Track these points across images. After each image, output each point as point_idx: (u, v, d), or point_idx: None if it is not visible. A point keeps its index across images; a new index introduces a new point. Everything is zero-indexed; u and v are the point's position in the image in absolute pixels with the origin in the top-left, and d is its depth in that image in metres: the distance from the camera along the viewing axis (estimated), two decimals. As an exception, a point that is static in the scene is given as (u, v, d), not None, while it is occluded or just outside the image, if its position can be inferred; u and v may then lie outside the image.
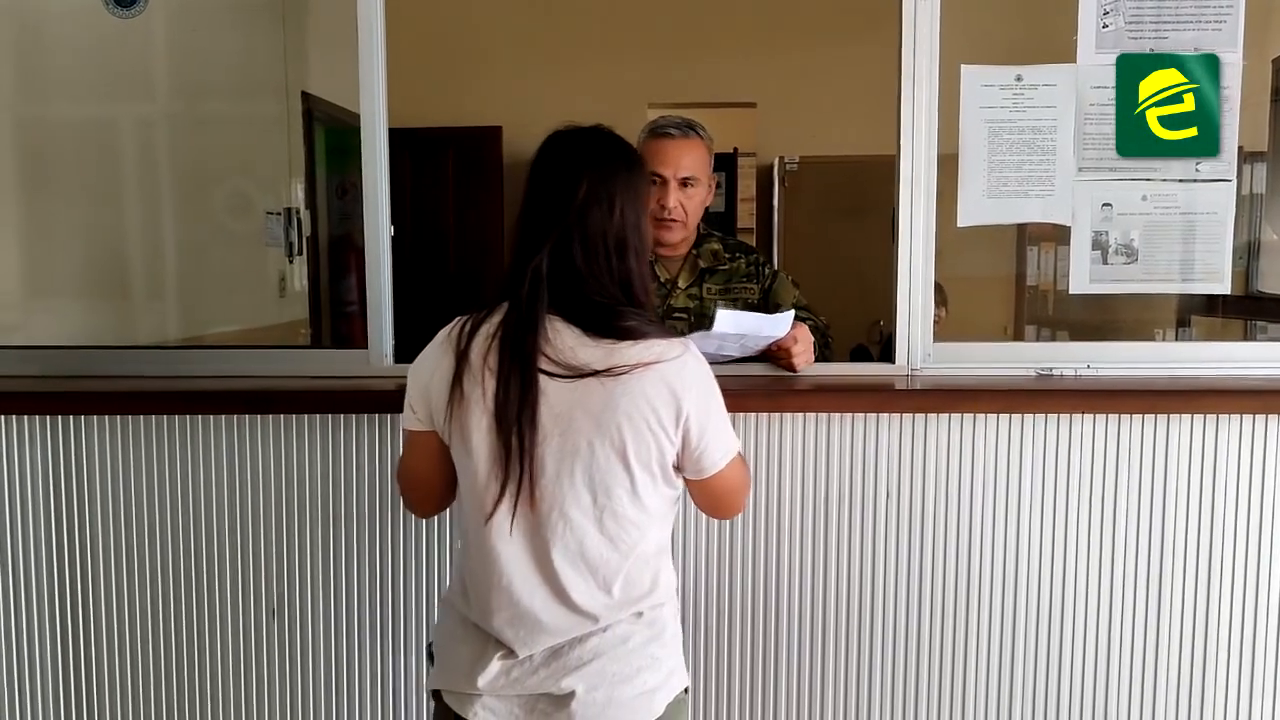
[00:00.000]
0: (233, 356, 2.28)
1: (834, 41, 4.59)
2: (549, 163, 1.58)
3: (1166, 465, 2.06)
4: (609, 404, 1.47)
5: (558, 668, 1.52)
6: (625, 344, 1.48)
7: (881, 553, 2.07)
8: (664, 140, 2.31)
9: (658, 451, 1.51)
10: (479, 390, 1.49)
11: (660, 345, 1.50)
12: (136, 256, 3.41)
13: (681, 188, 2.31)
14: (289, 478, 2.08)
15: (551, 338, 1.48)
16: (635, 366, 1.47)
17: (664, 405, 1.49)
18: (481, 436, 1.49)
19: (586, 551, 1.51)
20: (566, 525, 1.50)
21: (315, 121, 3.96)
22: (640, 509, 1.53)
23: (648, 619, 1.56)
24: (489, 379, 1.48)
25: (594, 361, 1.47)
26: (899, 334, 2.17)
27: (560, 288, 1.51)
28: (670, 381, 1.49)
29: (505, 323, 1.50)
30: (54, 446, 2.08)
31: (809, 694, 2.10)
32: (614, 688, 1.52)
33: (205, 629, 2.11)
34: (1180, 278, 2.23)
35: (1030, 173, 2.16)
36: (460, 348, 1.51)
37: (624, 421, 1.47)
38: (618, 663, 1.53)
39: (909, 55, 2.12)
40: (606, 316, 1.50)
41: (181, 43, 3.34)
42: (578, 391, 1.47)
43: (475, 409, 1.49)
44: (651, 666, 1.55)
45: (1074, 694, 2.10)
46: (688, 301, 2.40)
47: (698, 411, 1.52)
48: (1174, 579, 2.08)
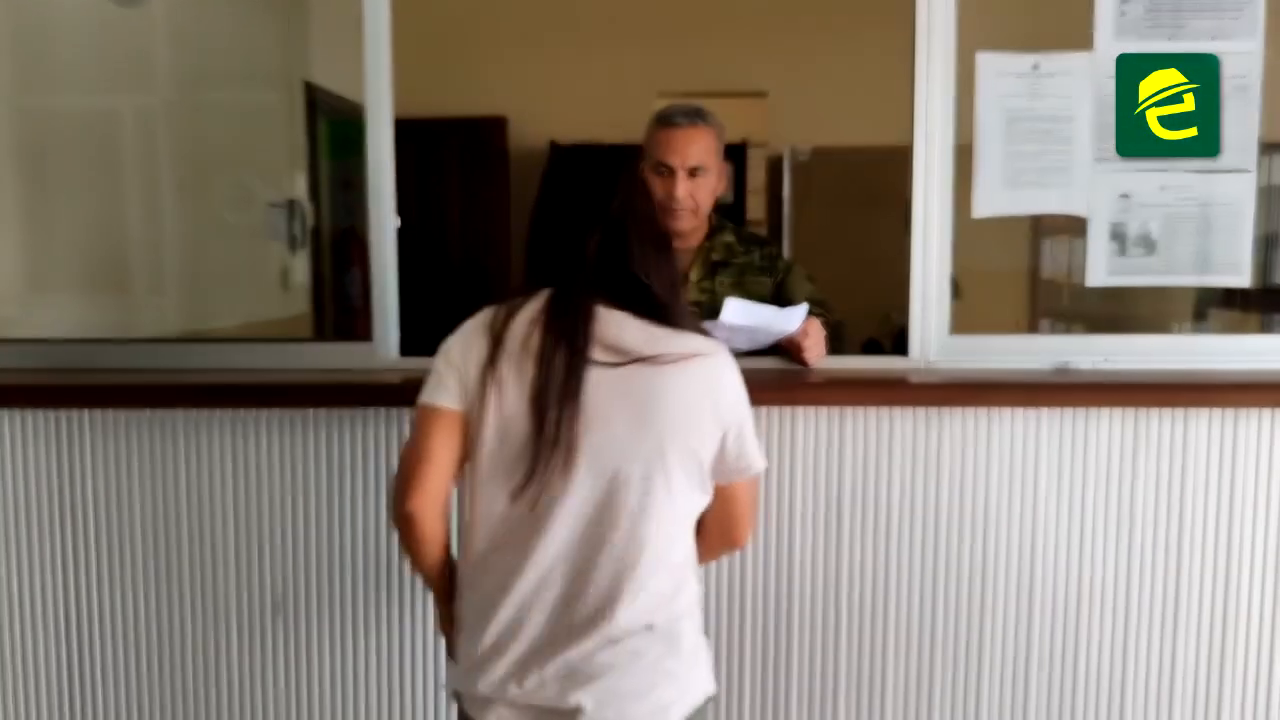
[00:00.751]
0: (235, 350, 2.27)
1: (846, 29, 4.54)
2: (589, 162, 1.60)
3: (1185, 460, 2.04)
4: (653, 395, 1.45)
5: (567, 680, 1.47)
6: (668, 331, 1.49)
7: (895, 549, 2.05)
8: (671, 129, 2.28)
9: (697, 447, 1.49)
10: (515, 373, 1.46)
11: (699, 340, 1.52)
12: (138, 249, 3.40)
13: (690, 177, 2.28)
14: (293, 472, 2.06)
15: (599, 321, 1.47)
16: (680, 357, 1.46)
17: (707, 401, 1.49)
18: (515, 420, 1.46)
19: (614, 547, 1.47)
20: (598, 518, 1.47)
21: (318, 112, 3.94)
22: (672, 510, 1.50)
23: (663, 632, 1.50)
24: (527, 363, 1.46)
25: (639, 345, 1.46)
26: (913, 327, 2.15)
27: (608, 271, 1.51)
28: (713, 377, 1.51)
29: (549, 307, 1.49)
30: (55, 440, 2.06)
31: (820, 690, 2.08)
32: (625, 705, 1.47)
33: (208, 623, 2.10)
34: (1199, 270, 2.20)
35: (1048, 163, 2.13)
36: (497, 332, 1.49)
37: (667, 414, 1.46)
38: (630, 678, 1.48)
39: (923, 42, 2.10)
40: (649, 298, 1.51)
41: (183, 33, 3.33)
42: (621, 379, 1.45)
43: (511, 393, 1.46)
44: (666, 682, 1.50)
45: (1090, 691, 2.08)
46: (699, 295, 2.37)
47: (737, 410, 1.53)
48: (1193, 573, 2.06)
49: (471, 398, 1.49)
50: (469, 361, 1.49)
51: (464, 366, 1.50)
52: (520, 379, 1.46)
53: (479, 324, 1.53)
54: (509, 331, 1.48)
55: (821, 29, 4.71)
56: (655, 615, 1.49)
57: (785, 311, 2.03)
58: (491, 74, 4.88)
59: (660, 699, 1.50)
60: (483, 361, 1.48)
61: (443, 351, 1.54)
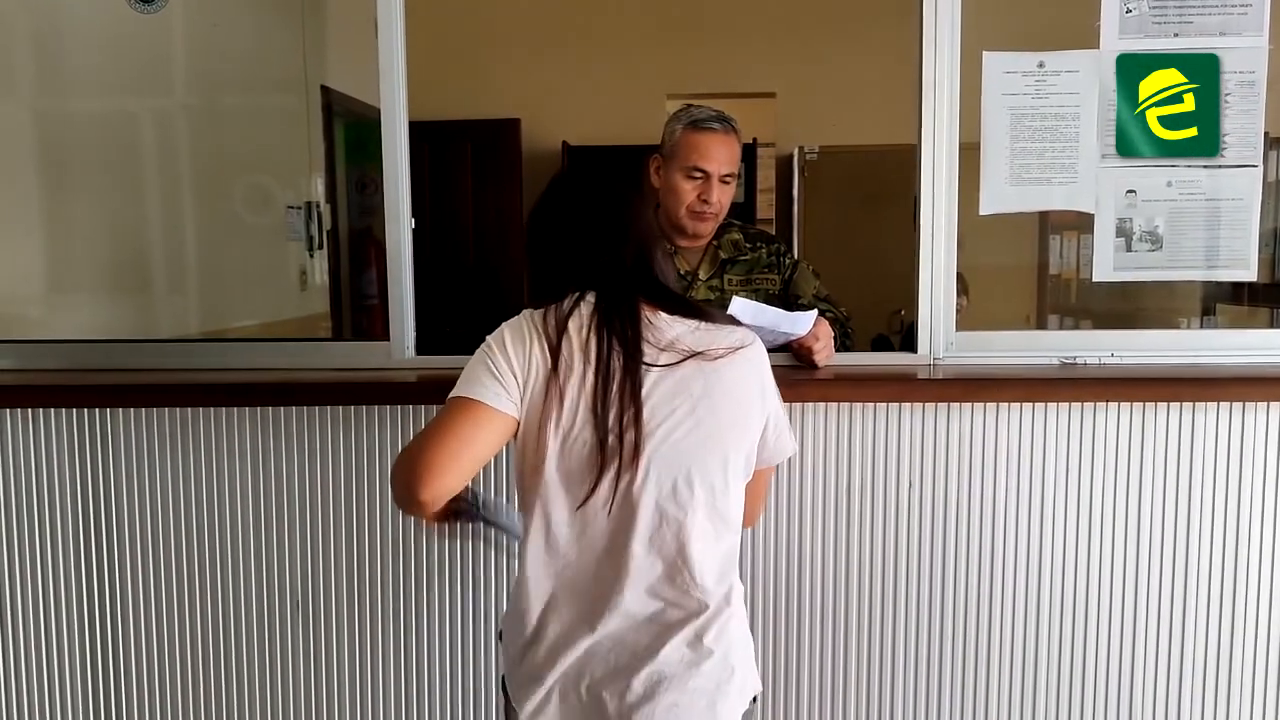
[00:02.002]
0: (254, 349, 2.29)
1: (853, 30, 4.56)
2: (594, 177, 1.64)
3: (1192, 453, 2.04)
4: (709, 391, 1.48)
5: (619, 708, 1.47)
6: (707, 325, 1.52)
7: (903, 544, 2.07)
8: (708, 135, 2.32)
9: (751, 437, 1.53)
10: (576, 383, 1.45)
11: (738, 331, 1.56)
12: (158, 251, 3.44)
13: (721, 183, 2.32)
14: (311, 469, 2.09)
15: (648, 323, 1.50)
16: (728, 351, 1.50)
17: (755, 391, 1.53)
18: (579, 429, 1.45)
19: (682, 546, 1.48)
20: (665, 517, 1.48)
21: (334, 115, 3.97)
22: (730, 504, 1.52)
23: (717, 632, 1.50)
24: (586, 369, 1.45)
25: (688, 341, 1.49)
26: (921, 323, 2.16)
27: (643, 269, 1.55)
28: (757, 367, 1.55)
29: (600, 312, 1.49)
30: (78, 439, 2.09)
31: (830, 682, 2.10)
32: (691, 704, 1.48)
33: (229, 618, 2.13)
34: (1205, 265, 2.21)
35: (1053, 160, 2.15)
36: (554, 342, 1.46)
37: (724, 408, 1.48)
38: (686, 695, 1.47)
39: (930, 42, 2.11)
40: (678, 298, 1.56)
41: (201, 38, 3.36)
42: (678, 378, 1.47)
43: (572, 402, 1.45)
44: (719, 690, 1.50)
45: (1099, 683, 2.09)
46: (708, 293, 2.39)
47: (774, 396, 1.58)
48: (1200, 567, 2.06)
49: (532, 408, 1.47)
50: (531, 370, 1.47)
51: (524, 374, 1.47)
52: (580, 386, 1.45)
53: (529, 330, 1.49)
54: (564, 340, 1.47)
55: (829, 31, 4.73)
56: (710, 617, 1.50)
57: (794, 316, 2.04)
58: (505, 76, 4.92)
59: (719, 698, 1.50)
60: (547, 372, 1.46)
61: (492, 353, 1.49)
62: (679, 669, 1.48)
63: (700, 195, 2.31)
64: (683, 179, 2.32)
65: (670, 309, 1.52)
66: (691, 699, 1.48)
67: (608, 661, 1.49)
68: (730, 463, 1.51)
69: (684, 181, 2.32)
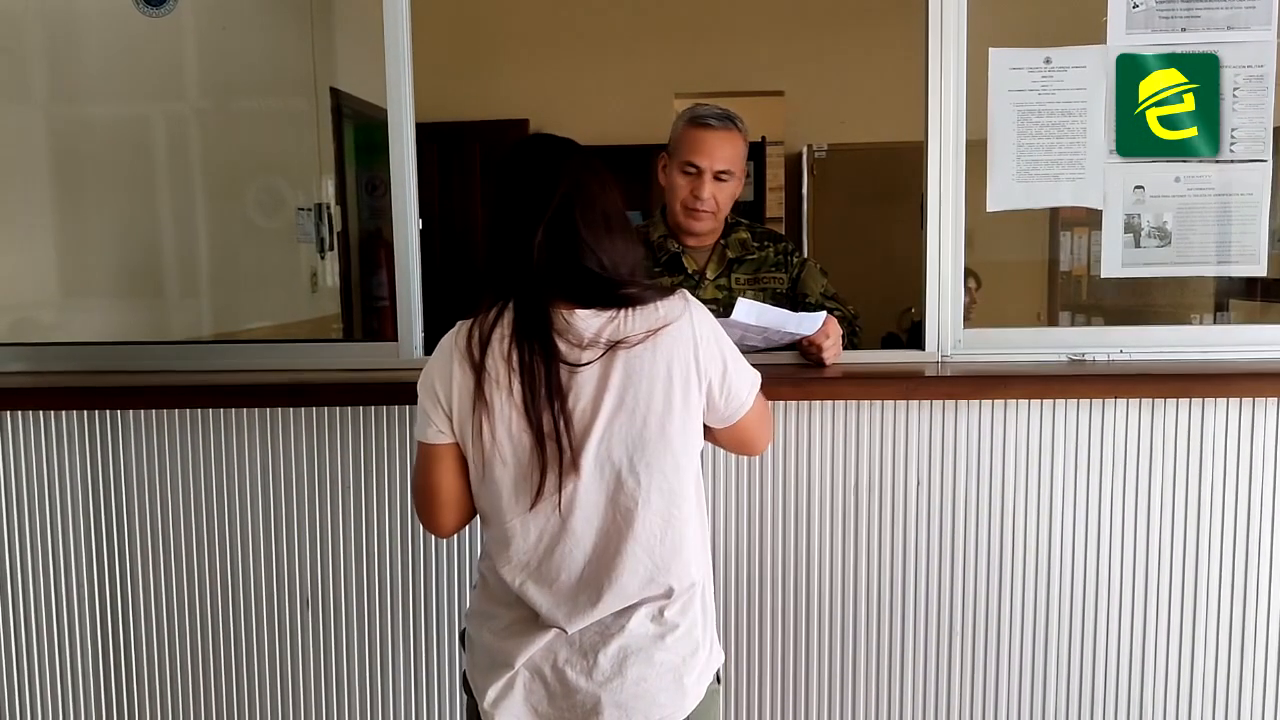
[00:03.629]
0: (265, 350, 2.30)
1: (861, 28, 4.56)
2: (531, 154, 1.58)
3: (1203, 450, 2.04)
4: (631, 377, 1.47)
5: (588, 687, 1.50)
6: (630, 311, 1.49)
7: (911, 541, 2.07)
8: (703, 130, 2.31)
9: (689, 411, 1.52)
10: (504, 393, 1.48)
11: (663, 306, 1.51)
12: (170, 254, 3.45)
13: (715, 180, 2.30)
14: (321, 468, 2.10)
15: (563, 324, 1.48)
16: (647, 335, 1.48)
17: (683, 364, 1.50)
18: (515, 437, 1.48)
19: (639, 533, 1.49)
20: (614, 508, 1.49)
21: (344, 117, 3.99)
22: (683, 482, 1.53)
23: (680, 608, 1.53)
24: (513, 379, 1.47)
25: (607, 334, 1.48)
26: (929, 320, 2.16)
27: (558, 264, 1.50)
28: (682, 342, 1.50)
29: (516, 322, 1.49)
30: (91, 439, 2.11)
31: (838, 680, 2.10)
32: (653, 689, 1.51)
33: (240, 617, 2.14)
34: (1215, 260, 2.20)
35: (1060, 156, 2.14)
36: (477, 359, 1.49)
37: (651, 392, 1.48)
38: (653, 669, 1.51)
39: (936, 40, 2.11)
40: (606, 287, 1.51)
41: (211, 41, 3.38)
42: (601, 372, 1.47)
43: (502, 412, 1.48)
44: (685, 665, 1.53)
45: (1108, 682, 2.09)
46: (716, 293, 2.40)
47: (714, 360, 1.54)
48: (1210, 565, 2.06)
49: (464, 428, 1.51)
50: (455, 392, 1.51)
51: (450, 398, 1.51)
52: (510, 397, 1.48)
53: (454, 349, 1.52)
54: (488, 354, 1.48)
55: (837, 29, 4.73)
56: (672, 597, 1.53)
57: (800, 316, 2.04)
58: (512, 77, 4.93)
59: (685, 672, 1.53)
60: (471, 391, 1.49)
61: (424, 387, 1.54)
62: (645, 642, 1.51)
63: (693, 190, 2.30)
64: (678, 174, 2.32)
65: (589, 302, 1.50)
66: (659, 673, 1.51)
67: (573, 643, 1.51)
68: (673, 442, 1.50)
69: (679, 177, 2.32)
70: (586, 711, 1.50)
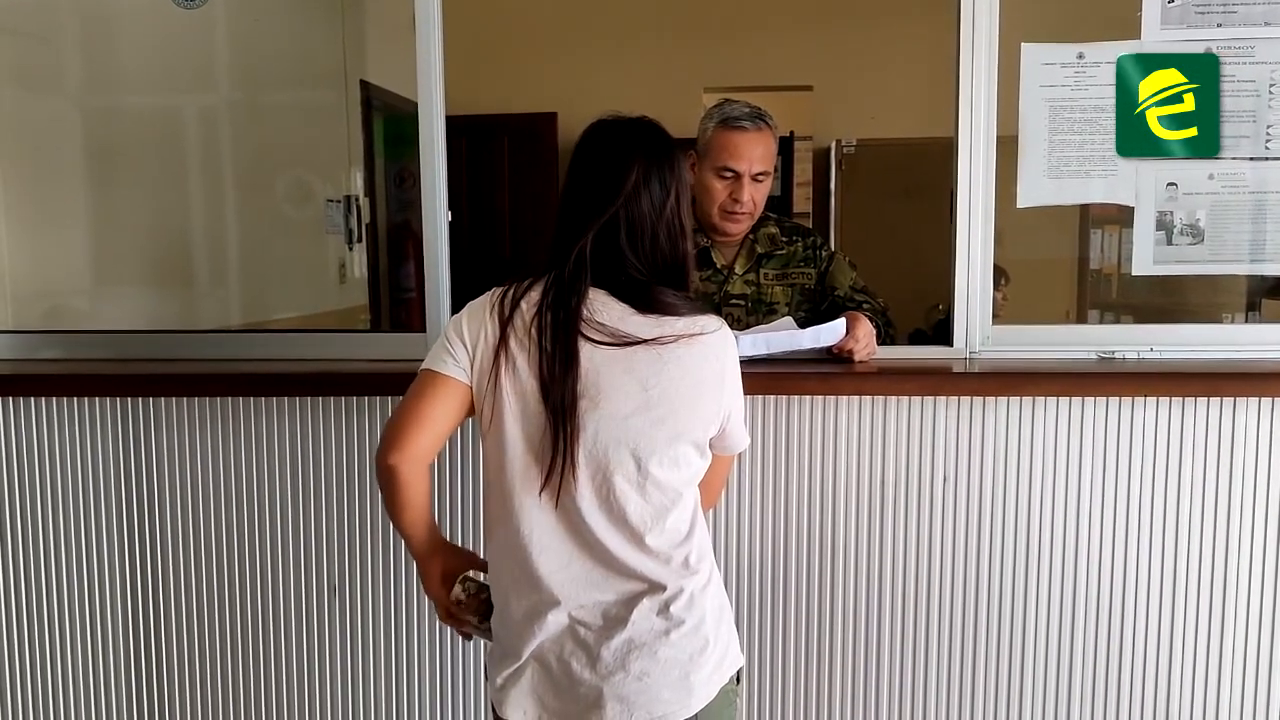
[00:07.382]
0: (294, 340, 2.32)
1: (891, 21, 4.53)
2: (597, 148, 1.59)
3: (1232, 449, 2.02)
4: (656, 371, 1.48)
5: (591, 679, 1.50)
6: (670, 318, 1.50)
7: (938, 538, 2.06)
8: (738, 133, 2.30)
9: (705, 418, 1.53)
10: (525, 357, 1.50)
11: (702, 319, 1.53)
12: (201, 244, 3.48)
13: (753, 182, 2.31)
14: (349, 457, 2.12)
15: (597, 307, 1.50)
16: (682, 336, 1.49)
17: (712, 376, 1.52)
18: (531, 404, 1.49)
19: (642, 520, 1.50)
20: (612, 493, 1.49)
21: (374, 110, 4.01)
22: (685, 478, 1.54)
23: (685, 603, 1.52)
24: (533, 347, 1.49)
25: (642, 331, 1.49)
26: (957, 317, 2.15)
27: (603, 266, 1.53)
28: (716, 355, 1.53)
29: (548, 292, 1.52)
30: (123, 427, 2.14)
31: (864, 678, 2.10)
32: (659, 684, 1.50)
33: (267, 604, 2.17)
34: (1249, 258, 2.18)
35: (1092, 152, 2.13)
36: (505, 315, 1.52)
37: (673, 389, 1.48)
38: (658, 665, 1.50)
39: (968, 34, 2.10)
40: (647, 292, 1.52)
41: (243, 34, 3.40)
42: (624, 359, 1.48)
43: (522, 376, 1.50)
44: (692, 661, 1.52)
45: (1135, 680, 2.08)
46: (745, 288, 2.39)
47: (735, 387, 1.57)
48: (1239, 564, 2.04)
49: (481, 374, 1.52)
50: (480, 339, 1.53)
51: (477, 342, 1.53)
52: (529, 360, 1.49)
53: (487, 305, 1.55)
54: (515, 315, 1.51)
55: (866, 23, 4.71)
56: (676, 580, 1.52)
57: (815, 330, 2.03)
58: (541, 71, 4.94)
59: (692, 669, 1.52)
60: (495, 343, 1.51)
61: (453, 325, 1.57)
62: (649, 637, 1.50)
63: (731, 194, 2.31)
64: (714, 178, 2.31)
65: (633, 304, 1.51)
66: (664, 669, 1.50)
67: (577, 634, 1.51)
68: (682, 441, 1.51)
69: (715, 180, 2.31)
70: (589, 704, 1.50)
